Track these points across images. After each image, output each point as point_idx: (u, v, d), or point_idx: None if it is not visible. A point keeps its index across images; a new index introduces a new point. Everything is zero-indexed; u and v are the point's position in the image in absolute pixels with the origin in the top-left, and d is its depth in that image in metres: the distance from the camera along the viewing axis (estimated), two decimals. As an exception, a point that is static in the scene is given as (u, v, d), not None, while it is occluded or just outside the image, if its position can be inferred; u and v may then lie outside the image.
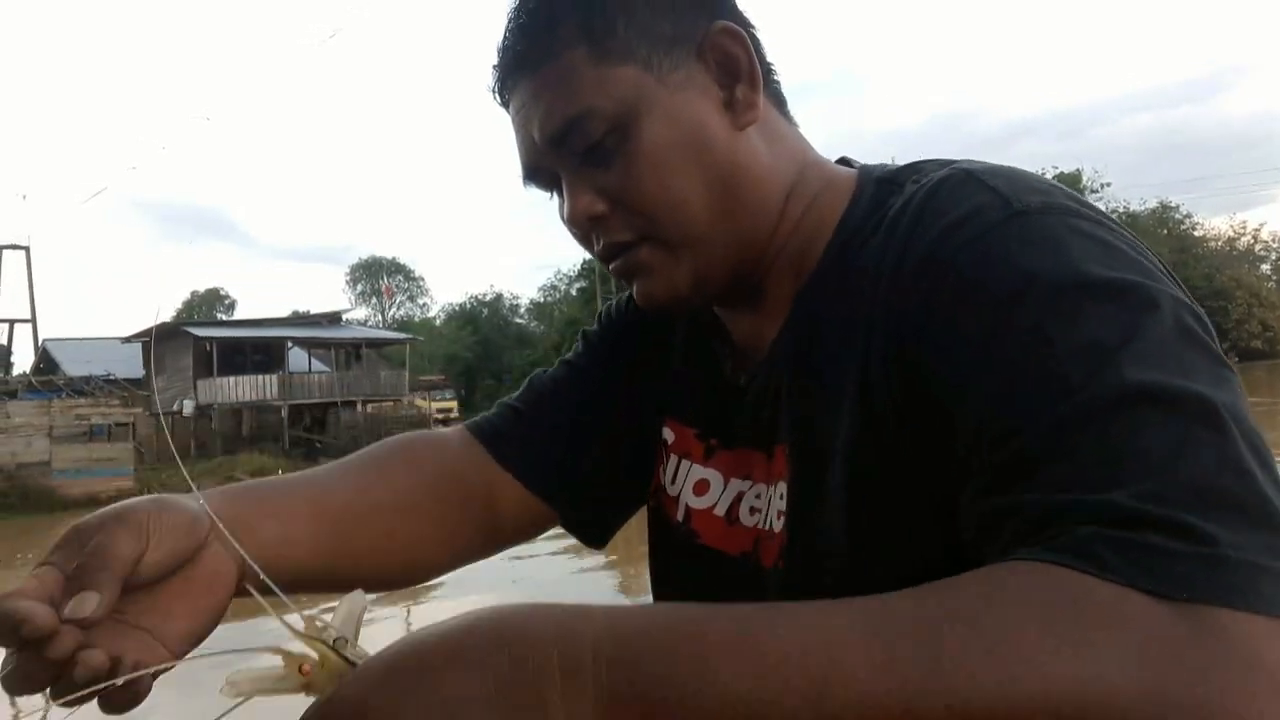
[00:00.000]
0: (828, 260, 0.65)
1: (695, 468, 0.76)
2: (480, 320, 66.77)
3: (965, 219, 0.53)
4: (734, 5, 0.68)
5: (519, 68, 0.65)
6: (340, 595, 0.52)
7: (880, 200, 0.63)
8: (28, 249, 40.41)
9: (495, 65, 0.67)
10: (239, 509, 0.65)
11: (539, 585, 7.94)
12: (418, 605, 7.33)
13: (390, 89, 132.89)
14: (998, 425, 0.46)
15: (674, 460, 0.78)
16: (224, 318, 55.57)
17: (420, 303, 72.34)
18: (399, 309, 70.82)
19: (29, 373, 33.81)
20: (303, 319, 38.53)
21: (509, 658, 0.37)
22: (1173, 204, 64.67)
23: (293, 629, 0.46)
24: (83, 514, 0.59)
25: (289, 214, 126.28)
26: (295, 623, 0.47)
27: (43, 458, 21.37)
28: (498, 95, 0.68)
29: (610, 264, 0.67)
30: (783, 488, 0.65)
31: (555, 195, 0.68)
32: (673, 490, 0.78)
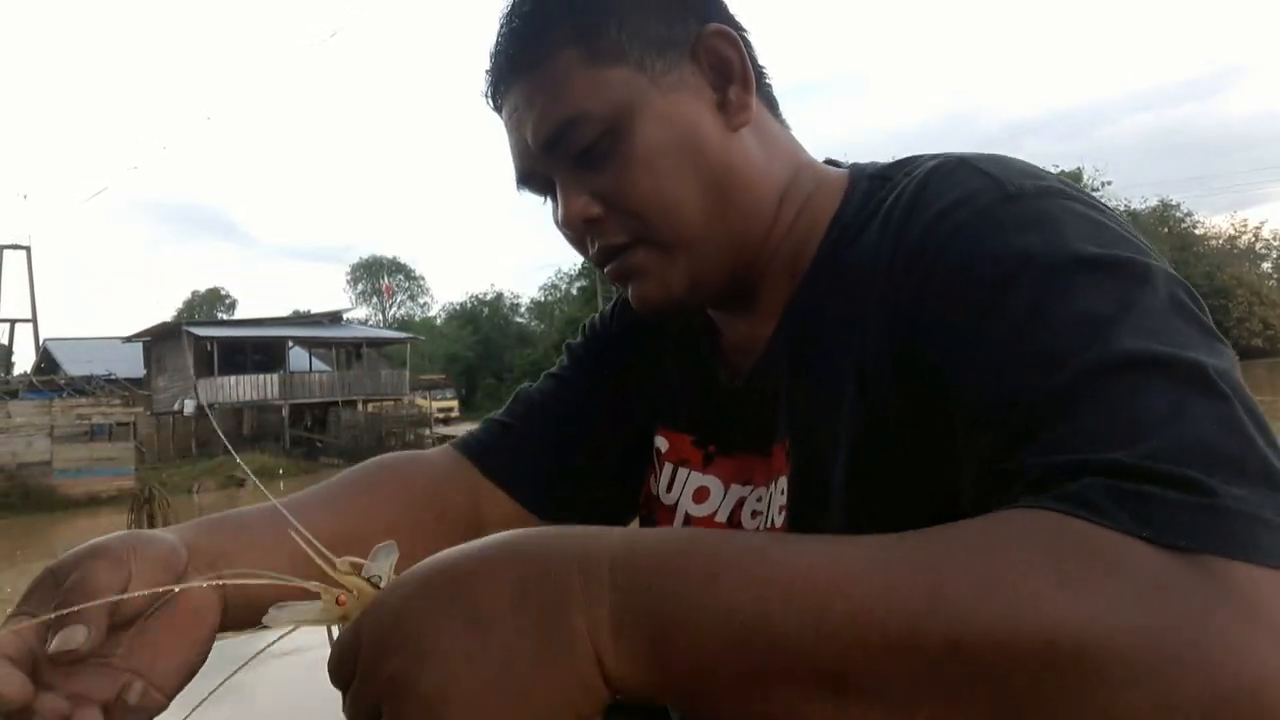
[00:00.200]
0: (821, 258, 0.65)
1: (694, 475, 0.76)
2: (481, 319, 66.77)
3: (960, 203, 0.54)
4: (725, 8, 0.68)
5: (511, 71, 0.65)
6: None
7: (872, 195, 0.63)
8: (28, 249, 40.53)
9: (487, 70, 0.67)
10: (217, 540, 0.63)
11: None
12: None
13: (390, 88, 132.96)
14: (998, 397, 0.46)
15: (669, 469, 0.78)
16: (225, 317, 55.60)
17: (421, 302, 72.41)
18: (399, 308, 70.87)
19: (30, 372, 33.84)
20: (303, 318, 38.54)
21: (533, 569, 0.40)
22: (1173, 202, 64.81)
23: (331, 562, 0.48)
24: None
25: (289, 213, 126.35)
26: (339, 564, 0.48)
27: (44, 457, 21.38)
28: (490, 100, 0.68)
29: (605, 267, 0.67)
30: (783, 483, 0.65)
31: (549, 199, 0.68)
32: (668, 499, 0.77)
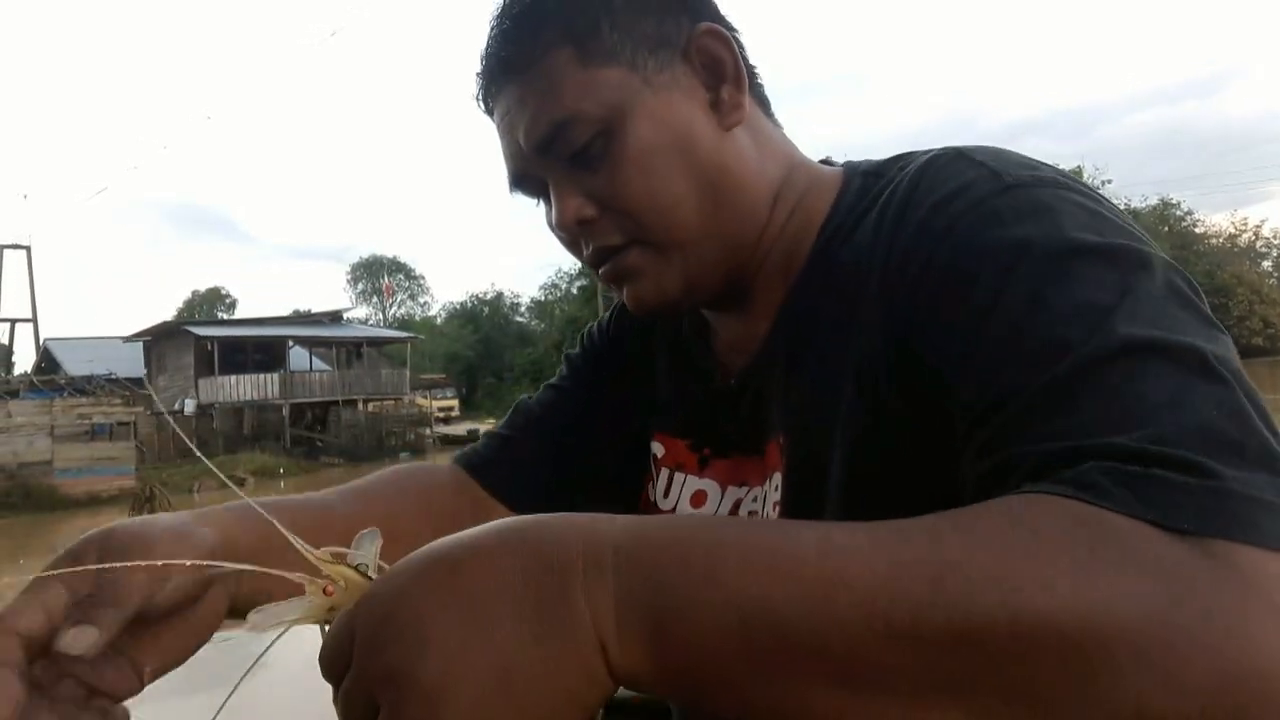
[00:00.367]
0: (815, 256, 0.65)
1: (690, 479, 0.76)
2: (481, 319, 66.76)
3: (956, 194, 0.54)
4: (716, 7, 0.68)
5: (503, 73, 0.64)
6: None
7: (866, 192, 0.63)
8: (29, 248, 40.49)
9: (478, 72, 0.67)
10: (251, 537, 0.62)
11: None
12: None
13: (391, 88, 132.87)
14: (998, 389, 0.46)
15: (666, 474, 0.78)
16: (225, 317, 55.62)
17: (421, 301, 72.42)
18: (400, 308, 70.87)
19: (30, 372, 33.85)
20: (304, 318, 38.55)
21: (535, 555, 0.39)
22: (1174, 201, 64.85)
23: (314, 554, 0.47)
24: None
25: (290, 213, 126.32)
26: (320, 554, 0.47)
27: (45, 457, 21.38)
28: (482, 102, 0.68)
29: (599, 269, 0.67)
30: (777, 479, 0.65)
31: (542, 201, 0.68)
32: (665, 504, 0.77)
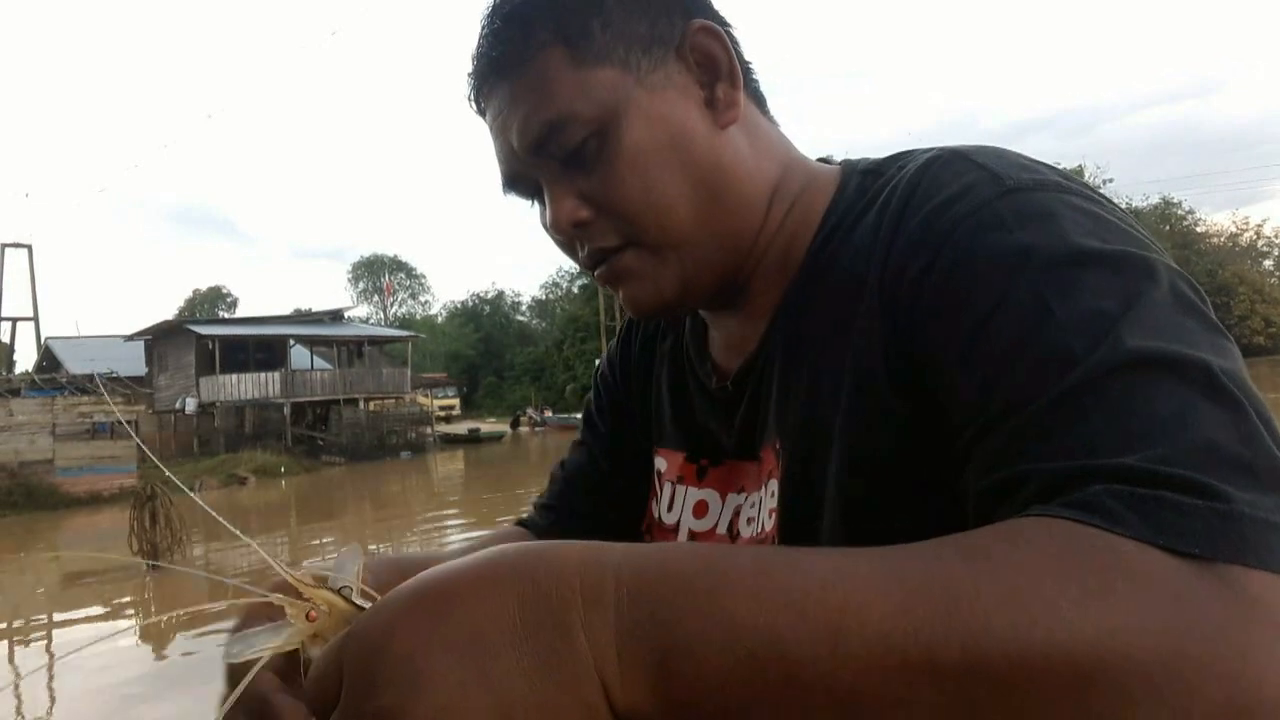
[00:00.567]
0: (813, 255, 0.64)
1: (691, 490, 0.75)
2: (482, 318, 66.75)
3: (956, 197, 0.53)
4: (710, 4, 0.67)
5: (495, 74, 0.63)
6: None
7: (865, 191, 0.63)
8: (30, 247, 40.47)
9: (470, 73, 0.66)
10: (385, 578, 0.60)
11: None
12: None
13: (391, 87, 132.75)
14: (1004, 398, 0.46)
15: (668, 488, 0.78)
16: (226, 315, 55.62)
17: (422, 300, 72.46)
18: (400, 306, 70.90)
19: (32, 371, 33.85)
20: (305, 316, 38.55)
21: (534, 587, 0.37)
22: (1175, 200, 64.75)
23: (297, 580, 0.45)
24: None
25: (291, 212, 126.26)
26: (300, 577, 0.45)
27: (46, 455, 21.38)
28: (474, 103, 0.67)
29: (595, 271, 0.66)
30: (773, 486, 0.65)
31: (536, 203, 0.67)
32: (669, 519, 0.77)
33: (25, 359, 40.10)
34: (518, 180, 0.66)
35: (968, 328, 0.49)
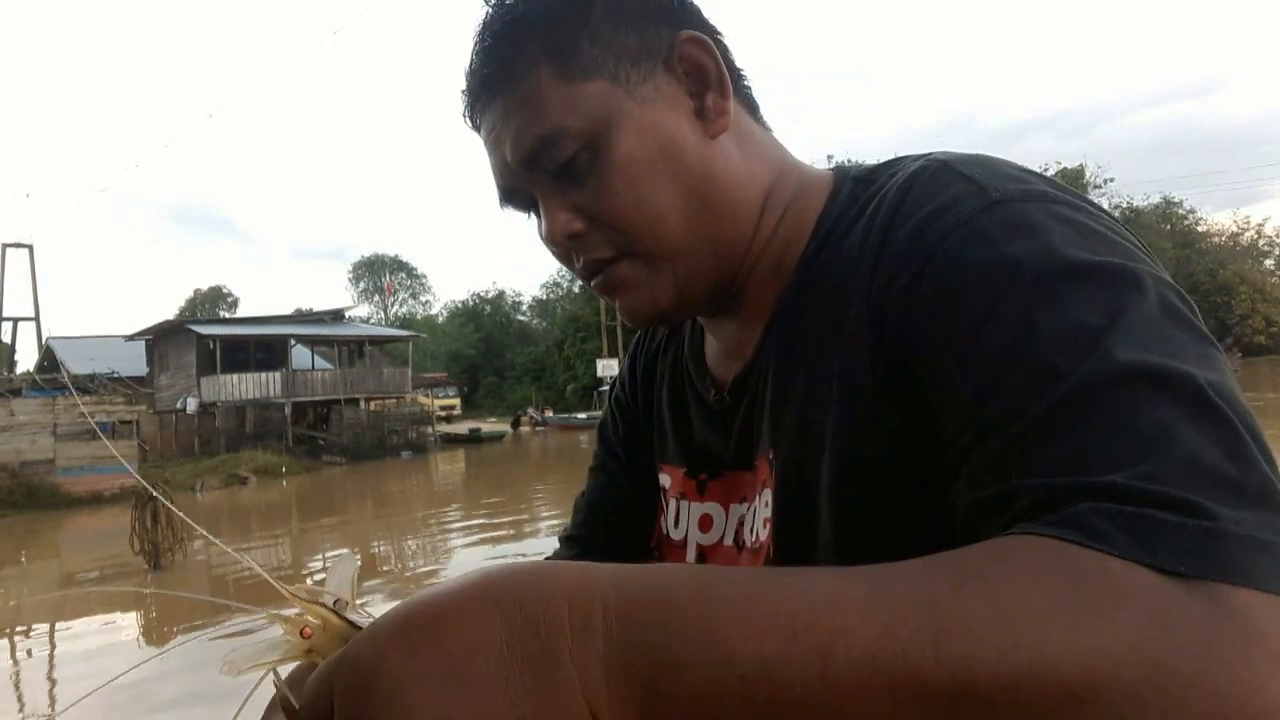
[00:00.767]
0: (806, 262, 0.65)
1: (694, 505, 0.76)
2: (483, 317, 66.79)
3: (944, 209, 0.53)
4: (699, 14, 0.67)
5: (487, 90, 0.64)
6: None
7: (857, 197, 0.63)
8: (31, 247, 40.46)
9: (464, 90, 0.67)
10: None
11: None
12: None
13: (392, 87, 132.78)
14: (990, 413, 0.46)
15: (674, 504, 0.79)
16: (227, 315, 55.66)
17: (423, 300, 72.53)
18: (401, 306, 70.97)
19: (33, 370, 33.88)
20: (306, 316, 38.58)
21: (521, 614, 0.37)
22: (1176, 199, 64.66)
23: (292, 594, 0.45)
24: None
25: (291, 212, 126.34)
26: (294, 591, 0.46)
27: (47, 455, 21.41)
28: (468, 119, 0.68)
29: (591, 281, 0.66)
30: (767, 495, 0.65)
31: (533, 215, 0.67)
32: (676, 534, 0.78)
33: (26, 359, 40.17)
34: (513, 194, 0.67)
35: (955, 341, 0.49)
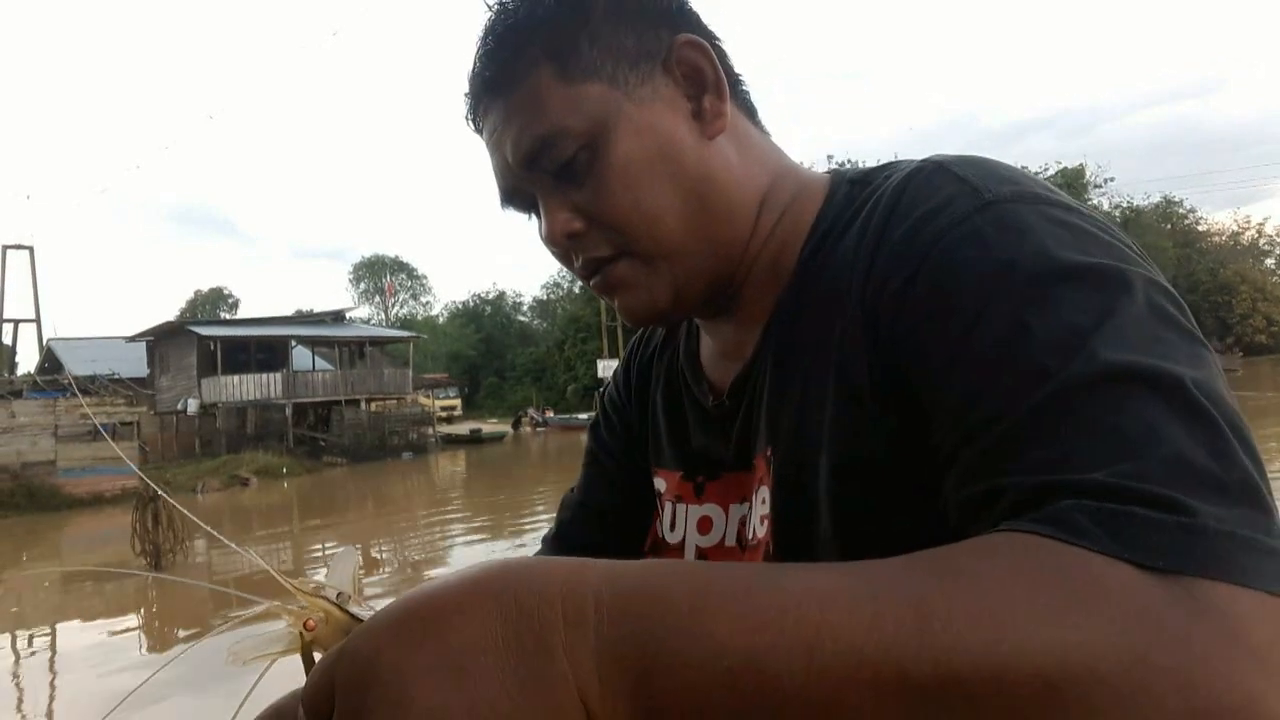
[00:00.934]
0: (803, 263, 0.65)
1: (692, 508, 0.76)
2: (483, 318, 66.80)
3: (937, 210, 0.54)
4: (697, 18, 0.68)
5: (488, 93, 0.65)
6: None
7: (853, 199, 0.64)
8: (32, 249, 40.47)
9: (466, 93, 0.68)
10: None
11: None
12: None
13: (393, 87, 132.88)
14: (979, 413, 0.46)
15: (669, 508, 0.79)
16: (228, 316, 55.69)
17: (423, 301, 72.52)
18: (402, 307, 70.94)
19: (34, 372, 33.88)
20: (306, 317, 38.59)
21: (516, 609, 0.38)
22: (1177, 199, 64.63)
23: (295, 587, 0.46)
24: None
25: (292, 213, 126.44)
26: (298, 585, 0.46)
27: (48, 456, 21.44)
28: (471, 121, 0.69)
29: (590, 280, 0.67)
30: (764, 493, 0.65)
31: (533, 217, 0.68)
32: (673, 538, 0.78)
33: (27, 361, 40.18)
34: (514, 195, 0.68)
35: (947, 342, 0.50)
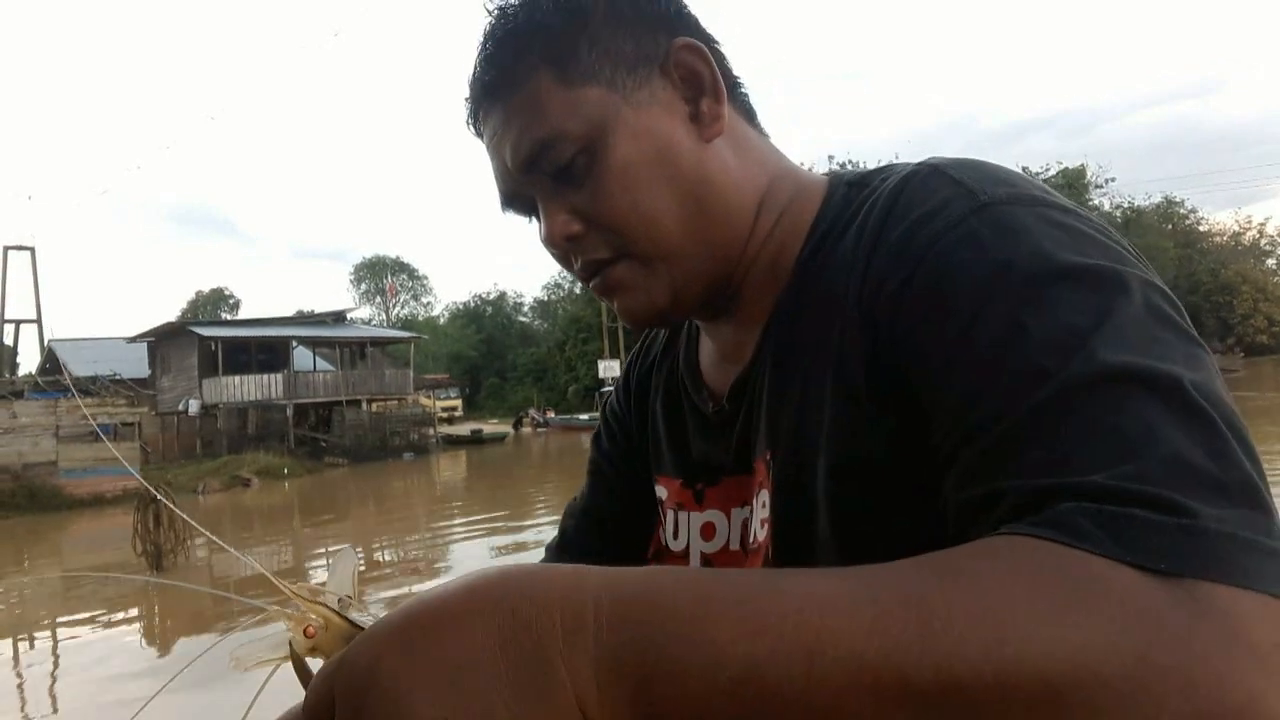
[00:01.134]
0: (801, 266, 0.66)
1: (694, 515, 0.76)
2: (484, 318, 66.82)
3: (933, 213, 0.54)
4: (695, 22, 0.68)
5: (488, 97, 0.66)
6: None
7: (850, 201, 0.64)
8: (33, 250, 40.49)
9: (467, 98, 0.68)
10: None
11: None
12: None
13: (393, 87, 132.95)
14: (978, 415, 0.46)
15: (671, 516, 0.79)
16: (229, 317, 55.70)
17: (424, 301, 72.54)
18: (403, 308, 70.97)
19: (35, 373, 33.90)
20: (307, 318, 38.59)
21: (514, 618, 0.38)
22: (1178, 199, 64.60)
23: (294, 593, 0.46)
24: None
25: (293, 213, 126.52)
26: (297, 590, 0.46)
27: (49, 457, 21.45)
28: (471, 125, 0.69)
29: (590, 282, 0.68)
30: (764, 496, 0.66)
31: (534, 219, 0.69)
32: (676, 545, 0.78)
33: (29, 361, 40.21)
34: (514, 198, 0.68)
35: (945, 343, 0.50)
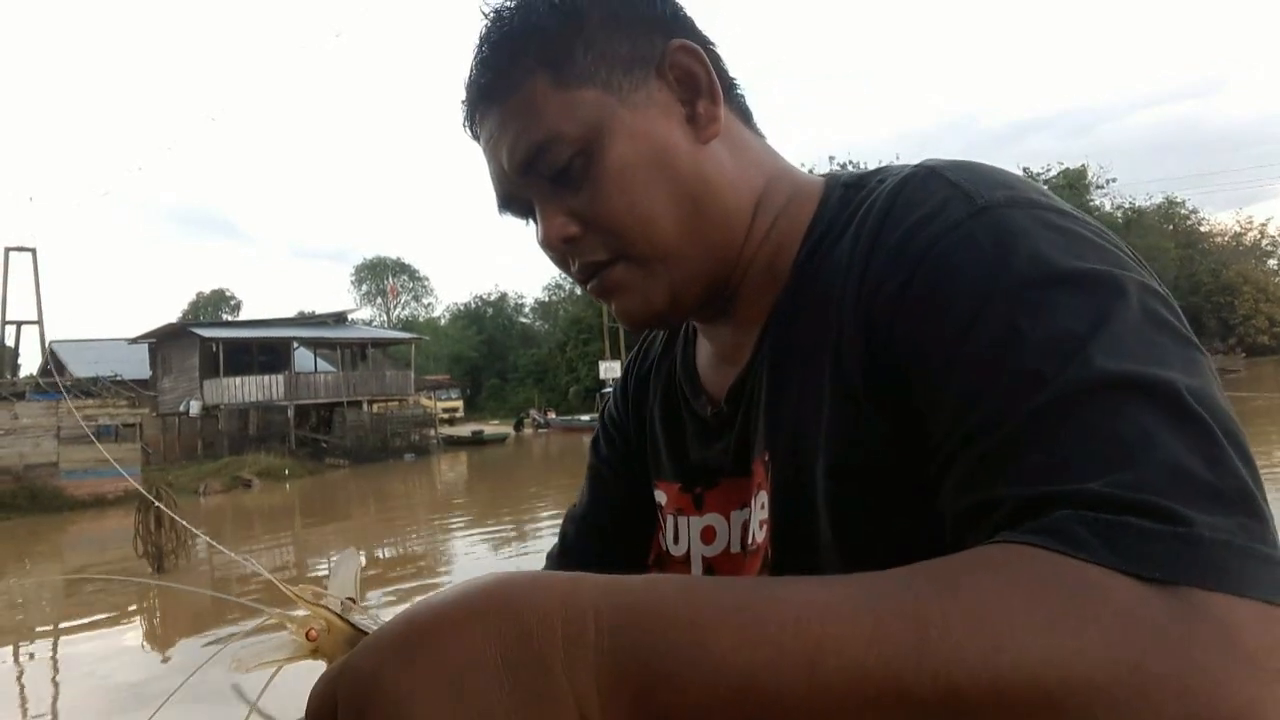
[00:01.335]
0: (798, 268, 0.66)
1: (694, 520, 0.76)
2: (485, 320, 66.83)
3: (931, 216, 0.54)
4: (691, 24, 0.69)
5: (485, 100, 0.66)
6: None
7: (847, 203, 0.64)
8: (34, 251, 40.52)
9: (463, 100, 0.68)
10: None
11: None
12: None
13: (394, 88, 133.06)
14: (975, 420, 0.46)
15: (671, 521, 0.79)
16: (230, 318, 55.71)
17: (425, 302, 72.52)
18: (404, 309, 70.96)
19: (36, 374, 33.92)
20: (308, 319, 38.62)
21: (515, 626, 0.38)
22: (1179, 199, 64.57)
23: (296, 595, 0.46)
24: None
25: (294, 214, 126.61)
26: (299, 592, 0.46)
27: (50, 458, 21.48)
28: (468, 128, 0.69)
29: (587, 284, 0.68)
30: (763, 498, 0.66)
31: (531, 221, 0.68)
32: (677, 550, 0.78)
33: (30, 363, 40.20)
34: (511, 200, 0.68)
35: (942, 346, 0.50)
